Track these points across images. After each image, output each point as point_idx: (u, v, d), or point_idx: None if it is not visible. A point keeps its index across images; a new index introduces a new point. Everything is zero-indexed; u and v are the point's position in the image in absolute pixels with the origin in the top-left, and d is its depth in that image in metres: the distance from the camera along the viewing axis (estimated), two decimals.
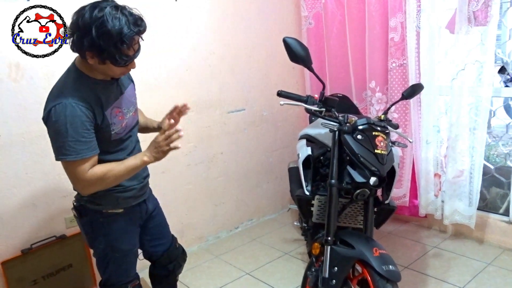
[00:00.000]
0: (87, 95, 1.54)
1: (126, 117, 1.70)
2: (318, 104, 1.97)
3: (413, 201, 3.11)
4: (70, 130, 1.49)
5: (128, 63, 1.54)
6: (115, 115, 1.64)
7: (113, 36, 1.42)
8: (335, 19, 3.22)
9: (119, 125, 1.66)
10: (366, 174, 1.83)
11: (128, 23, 1.45)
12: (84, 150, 1.52)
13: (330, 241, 1.86)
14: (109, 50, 1.44)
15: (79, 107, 1.50)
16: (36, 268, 2.38)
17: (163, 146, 1.58)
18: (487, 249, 2.82)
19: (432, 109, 2.81)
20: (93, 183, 1.57)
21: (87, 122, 1.52)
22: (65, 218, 2.52)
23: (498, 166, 3.12)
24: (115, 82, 1.68)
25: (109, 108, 1.61)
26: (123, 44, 1.45)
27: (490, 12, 2.45)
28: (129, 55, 1.52)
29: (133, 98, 1.79)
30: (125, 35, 1.44)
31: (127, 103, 1.73)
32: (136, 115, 1.81)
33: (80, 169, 1.54)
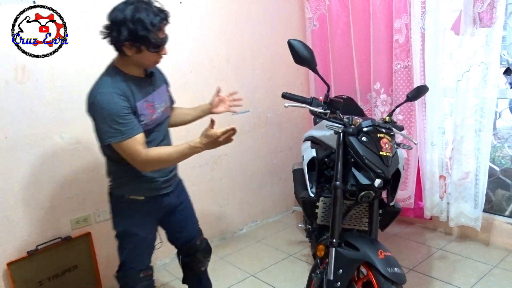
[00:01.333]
0: (122, 87, 1.73)
1: (156, 111, 1.85)
2: (322, 106, 1.97)
3: (418, 203, 3.10)
4: (112, 115, 1.67)
5: (160, 48, 1.74)
6: (145, 108, 1.80)
7: (145, 22, 1.64)
8: (340, 21, 3.22)
9: (149, 117, 1.81)
10: (371, 176, 1.83)
11: (154, 11, 1.69)
12: (128, 130, 1.69)
13: (335, 243, 1.86)
14: (143, 35, 1.64)
15: (117, 95, 1.69)
16: (41, 269, 2.39)
17: (220, 142, 1.74)
18: (493, 252, 2.81)
19: (437, 111, 2.80)
20: (149, 163, 1.74)
21: (125, 108, 1.70)
22: (71, 219, 2.53)
23: (504, 168, 3.10)
24: (148, 79, 1.86)
25: (140, 101, 1.78)
26: (154, 26, 1.66)
27: (496, 13, 2.44)
28: (161, 38, 1.72)
29: (165, 96, 1.96)
30: (154, 20, 1.66)
31: (158, 99, 1.88)
32: (167, 111, 1.96)
33: (132, 147, 1.70)
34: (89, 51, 2.48)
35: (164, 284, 2.78)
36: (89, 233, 2.57)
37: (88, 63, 2.49)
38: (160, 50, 1.76)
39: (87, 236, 2.56)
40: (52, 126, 2.41)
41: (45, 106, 2.38)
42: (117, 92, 1.70)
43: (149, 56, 1.75)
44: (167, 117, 1.98)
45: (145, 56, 1.73)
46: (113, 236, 2.03)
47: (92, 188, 2.59)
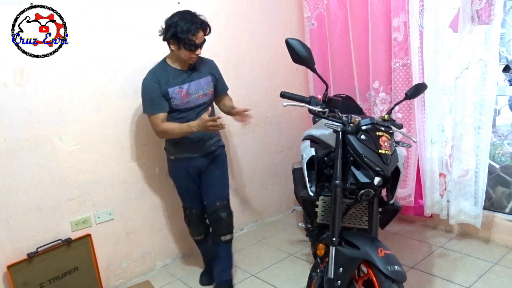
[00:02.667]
0: (161, 76, 2.35)
1: (190, 97, 2.40)
2: (321, 104, 1.97)
3: (419, 201, 3.10)
4: (146, 95, 2.36)
5: (193, 48, 2.27)
6: (177, 93, 2.36)
7: (183, 28, 2.23)
8: (338, 20, 3.22)
9: (179, 100, 2.37)
10: (370, 175, 1.82)
11: (193, 21, 2.25)
12: (152, 107, 2.35)
13: (335, 242, 1.86)
14: (181, 37, 2.23)
15: (153, 82, 2.34)
16: (42, 272, 2.40)
17: (207, 126, 2.23)
18: (493, 249, 2.81)
19: (436, 109, 2.80)
20: (162, 132, 2.39)
21: (157, 91, 2.33)
22: (71, 221, 2.53)
23: (504, 165, 3.10)
24: (189, 72, 2.41)
25: (173, 87, 2.35)
26: (189, 32, 2.23)
27: (494, 10, 2.43)
28: (195, 42, 2.26)
29: (205, 86, 2.46)
30: (191, 27, 2.23)
31: (195, 87, 2.42)
32: (204, 97, 2.45)
33: (154, 120, 2.36)
34: (88, 52, 2.48)
35: (165, 285, 2.78)
36: (89, 234, 2.57)
37: (88, 64, 2.49)
38: (193, 49, 2.28)
39: (87, 238, 2.56)
40: (51, 128, 2.41)
41: (44, 108, 2.38)
42: (154, 79, 2.34)
43: (185, 53, 2.29)
44: (206, 102, 2.47)
45: (183, 52, 2.29)
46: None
47: (92, 189, 2.59)
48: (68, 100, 2.45)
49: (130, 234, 2.80)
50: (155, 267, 2.96)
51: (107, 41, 2.55)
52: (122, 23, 2.60)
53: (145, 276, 2.88)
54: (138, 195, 2.80)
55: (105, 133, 2.61)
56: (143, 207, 2.84)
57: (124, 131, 2.68)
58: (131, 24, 2.64)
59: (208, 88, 2.48)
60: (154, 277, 2.86)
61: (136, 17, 2.66)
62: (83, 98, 2.50)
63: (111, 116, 2.62)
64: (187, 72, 2.41)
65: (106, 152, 2.63)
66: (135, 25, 2.66)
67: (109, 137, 2.63)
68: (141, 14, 2.68)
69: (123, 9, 2.60)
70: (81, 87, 2.49)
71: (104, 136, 2.60)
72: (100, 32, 2.52)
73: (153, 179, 2.86)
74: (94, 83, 2.53)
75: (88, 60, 2.49)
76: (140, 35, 2.68)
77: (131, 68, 2.66)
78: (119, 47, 2.60)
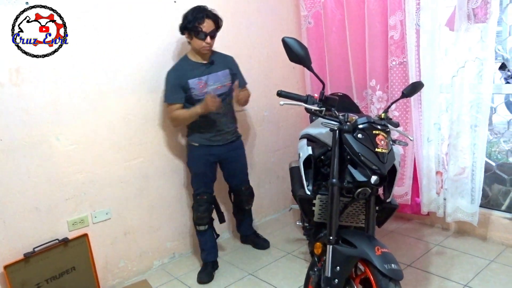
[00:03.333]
0: (182, 68, 2.63)
1: (208, 87, 2.64)
2: (318, 103, 1.97)
3: (415, 199, 3.11)
4: (166, 86, 2.65)
5: (202, 36, 2.51)
6: (197, 84, 2.61)
7: (191, 17, 2.50)
8: (335, 18, 3.22)
9: (198, 90, 2.61)
10: (367, 173, 1.83)
11: (199, 11, 2.51)
12: (170, 98, 2.63)
13: (332, 241, 1.86)
14: (190, 26, 2.50)
15: (174, 74, 2.63)
16: (39, 272, 2.39)
17: (207, 104, 2.49)
18: (490, 246, 2.82)
19: (433, 107, 2.81)
20: (173, 119, 2.68)
21: (175, 84, 2.61)
22: (68, 221, 2.52)
23: (500, 163, 3.11)
24: (207, 65, 2.65)
25: (193, 78, 2.60)
26: (196, 21, 2.48)
27: (490, 9, 2.44)
28: (203, 30, 2.50)
29: (223, 77, 2.70)
30: (198, 15, 2.49)
31: (214, 79, 2.66)
32: (222, 88, 2.68)
33: (168, 109, 2.66)
34: (86, 52, 2.47)
35: (162, 284, 2.78)
36: (86, 234, 2.56)
37: (85, 64, 2.48)
38: (203, 38, 2.51)
39: (84, 238, 2.56)
40: (48, 128, 2.40)
41: (41, 108, 2.37)
42: (175, 73, 2.63)
43: (197, 42, 2.54)
44: (224, 93, 2.68)
45: (195, 42, 2.55)
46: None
47: (89, 189, 2.59)
48: (65, 100, 2.44)
49: (127, 233, 2.79)
50: (152, 266, 2.96)
51: (105, 41, 2.54)
52: (120, 23, 2.59)
53: (142, 276, 2.88)
54: (135, 195, 2.80)
55: (101, 132, 2.60)
56: (140, 206, 2.83)
57: (121, 130, 2.68)
58: (128, 24, 2.63)
59: (226, 80, 2.71)
60: (152, 276, 2.86)
61: (133, 17, 2.65)
62: (79, 97, 2.50)
63: (108, 115, 2.61)
64: (206, 65, 2.65)
65: (103, 152, 2.62)
66: (132, 25, 2.65)
67: (105, 136, 2.62)
68: (139, 14, 2.67)
69: (122, 9, 2.59)
70: (78, 87, 2.48)
71: (100, 136, 2.60)
72: (97, 32, 2.51)
73: (150, 178, 2.85)
74: (91, 83, 2.52)
75: (85, 60, 2.48)
76: (137, 35, 2.67)
77: (128, 68, 2.65)
78: (117, 47, 2.59)
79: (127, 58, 2.65)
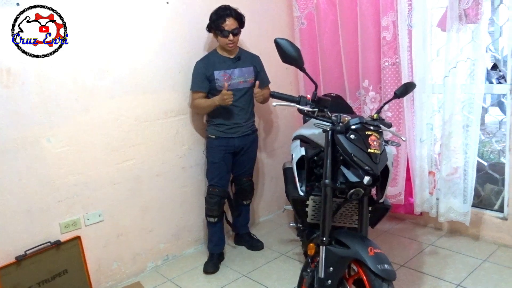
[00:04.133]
0: (209, 60, 2.81)
1: (232, 81, 2.79)
2: (311, 104, 1.97)
3: (408, 199, 3.12)
4: (193, 74, 2.83)
5: (225, 34, 2.68)
6: (221, 76, 2.78)
7: (215, 16, 2.69)
8: (328, 19, 3.22)
9: (222, 82, 2.76)
10: (360, 174, 1.83)
11: (223, 10, 2.69)
12: (195, 85, 2.82)
13: (325, 241, 1.87)
14: (214, 25, 2.70)
15: (202, 64, 2.80)
16: (31, 275, 2.37)
17: (223, 98, 2.65)
18: (483, 246, 2.83)
19: (425, 107, 2.82)
20: (194, 106, 2.88)
21: (201, 73, 2.78)
22: (60, 223, 2.50)
23: (492, 162, 3.13)
24: (234, 60, 2.82)
25: (219, 70, 2.77)
26: (219, 20, 2.67)
27: (481, 9, 2.46)
28: (225, 29, 2.67)
29: (247, 74, 2.86)
30: (221, 14, 2.67)
31: (238, 73, 2.82)
32: (244, 83, 2.85)
33: (192, 96, 2.86)
34: (75, 52, 2.45)
35: (156, 286, 2.76)
36: (78, 237, 2.55)
37: (75, 64, 2.47)
38: (226, 36, 2.69)
39: (76, 240, 2.54)
40: (39, 130, 2.38)
41: (32, 109, 2.35)
42: (202, 63, 2.81)
43: (221, 40, 2.73)
44: (245, 88, 2.85)
45: (220, 40, 2.74)
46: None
47: (81, 191, 2.57)
48: (56, 101, 2.42)
49: (120, 235, 2.78)
50: (146, 268, 2.95)
51: (96, 42, 2.53)
52: (112, 24, 2.58)
53: (136, 278, 2.86)
54: (128, 196, 2.78)
55: (93, 134, 2.58)
56: (133, 208, 2.82)
57: (113, 131, 2.66)
58: (121, 26, 2.62)
59: (249, 77, 2.86)
60: (145, 278, 2.85)
61: (126, 18, 2.63)
62: (71, 98, 2.48)
63: (100, 116, 2.59)
64: (233, 60, 2.82)
65: (95, 153, 2.60)
66: (125, 26, 2.63)
67: (97, 138, 2.60)
68: (132, 15, 2.66)
69: (114, 11, 2.58)
70: (69, 88, 2.46)
71: (92, 137, 2.58)
72: (87, 33, 2.49)
73: (143, 180, 2.84)
74: (82, 84, 2.50)
75: (76, 61, 2.46)
76: (129, 37, 2.66)
77: (121, 69, 2.64)
78: (108, 48, 2.58)
79: (119, 59, 2.63)
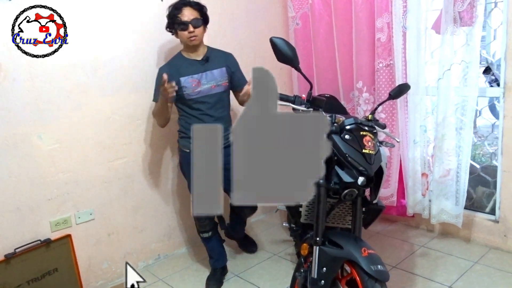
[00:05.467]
0: (174, 65, 2.49)
1: (202, 86, 2.48)
2: (305, 104, 1.97)
3: (401, 201, 3.12)
4: (157, 82, 2.50)
5: (183, 26, 2.38)
6: (189, 82, 2.46)
7: (170, 12, 2.42)
8: (322, 20, 3.22)
9: (190, 89, 2.46)
10: (354, 174, 1.83)
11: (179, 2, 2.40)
12: (155, 96, 2.50)
13: (318, 242, 1.86)
14: (172, 19, 2.40)
15: (165, 70, 2.41)
16: (20, 273, 2.34)
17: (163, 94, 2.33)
18: (474, 248, 2.85)
19: (419, 109, 2.83)
20: (154, 117, 2.59)
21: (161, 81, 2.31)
22: (50, 221, 2.48)
23: (484, 165, 3.14)
24: (202, 62, 2.50)
25: (185, 76, 2.46)
26: (174, 12, 2.39)
27: (476, 12, 2.47)
28: (183, 20, 2.38)
29: (219, 76, 2.52)
30: (177, 5, 2.39)
31: (207, 78, 2.50)
32: (217, 88, 2.52)
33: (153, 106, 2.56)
34: (67, 50, 2.43)
35: (147, 285, 2.74)
36: (69, 235, 2.52)
37: (67, 61, 2.44)
38: (184, 28, 2.39)
39: (67, 239, 2.51)
40: (30, 127, 2.35)
41: (23, 106, 2.32)
42: (164, 70, 2.44)
43: (182, 35, 2.42)
44: (218, 93, 2.52)
45: (181, 36, 2.43)
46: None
47: (72, 189, 2.54)
48: (47, 98, 2.39)
49: (111, 234, 2.75)
50: (137, 268, 2.92)
51: (88, 41, 2.50)
52: (104, 22, 2.56)
53: None
54: (120, 195, 2.76)
55: (85, 131, 2.56)
56: (124, 207, 2.80)
57: (105, 129, 2.64)
58: (113, 24, 2.60)
59: (222, 80, 2.55)
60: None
61: (118, 16, 2.61)
62: (62, 96, 2.45)
63: (92, 114, 2.57)
64: (201, 62, 2.51)
65: (87, 151, 2.58)
66: (116, 24, 2.61)
67: (89, 136, 2.58)
68: (125, 14, 2.64)
69: (107, 8, 2.56)
70: (60, 85, 2.44)
71: (84, 135, 2.56)
72: (79, 30, 2.47)
73: (135, 179, 2.82)
74: (73, 81, 2.48)
75: (67, 58, 2.43)
76: (120, 35, 2.64)
77: (113, 67, 2.62)
78: (100, 46, 2.55)
79: (111, 56, 2.61)
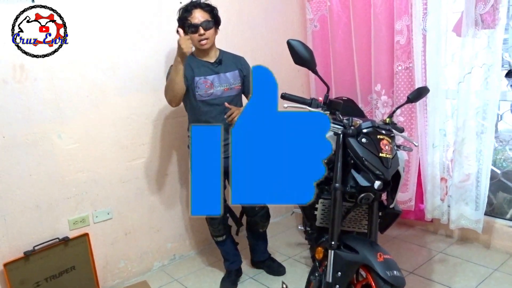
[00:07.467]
0: (187, 65, 2.38)
1: (215, 88, 2.44)
2: (322, 106, 1.95)
3: (419, 206, 3.08)
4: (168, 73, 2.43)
5: (193, 29, 2.33)
6: (202, 83, 2.42)
7: (180, 15, 2.37)
8: (341, 22, 3.20)
9: (203, 90, 2.42)
10: (370, 178, 1.80)
11: (189, 4, 2.37)
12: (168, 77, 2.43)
13: (334, 246, 1.84)
14: (182, 22, 2.34)
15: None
16: (39, 270, 2.38)
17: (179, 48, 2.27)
18: (494, 255, 2.79)
19: (438, 113, 2.78)
20: (165, 91, 2.44)
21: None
22: (69, 220, 2.51)
23: (505, 170, 3.08)
24: (215, 64, 2.46)
25: (199, 76, 2.42)
26: (184, 14, 2.34)
27: (498, 15, 2.42)
28: (193, 23, 2.33)
29: (232, 79, 2.48)
30: (185, 9, 2.35)
31: (221, 80, 2.46)
32: (229, 91, 2.47)
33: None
34: (87, 49, 2.47)
35: (162, 285, 2.76)
36: (87, 234, 2.55)
37: (87, 61, 2.48)
38: (194, 31, 2.33)
39: (85, 237, 2.55)
40: (50, 126, 2.40)
41: (44, 105, 2.36)
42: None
43: (193, 38, 2.35)
44: (231, 96, 2.47)
45: (192, 39, 2.34)
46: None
47: (90, 188, 2.58)
48: (67, 98, 2.43)
49: (128, 233, 2.78)
50: (152, 268, 2.95)
51: (107, 40, 2.54)
52: (123, 22, 2.59)
53: (142, 276, 2.86)
54: (137, 195, 2.79)
55: (104, 131, 2.59)
56: (141, 206, 2.82)
57: (123, 129, 2.67)
58: (131, 24, 2.63)
59: (235, 83, 2.51)
60: (152, 278, 2.85)
61: (136, 16, 2.64)
62: (82, 96, 2.49)
63: (110, 114, 2.61)
64: (214, 64, 2.47)
65: (105, 151, 2.61)
66: (135, 24, 2.64)
67: (108, 135, 2.61)
68: (143, 13, 2.67)
69: (126, 8, 2.59)
70: (80, 85, 2.48)
71: (103, 135, 2.59)
72: (99, 30, 2.50)
73: (152, 179, 2.84)
74: (93, 82, 2.52)
75: (87, 58, 2.47)
76: (140, 34, 2.67)
77: (131, 67, 2.65)
78: (119, 46, 2.59)
79: (129, 57, 2.64)
